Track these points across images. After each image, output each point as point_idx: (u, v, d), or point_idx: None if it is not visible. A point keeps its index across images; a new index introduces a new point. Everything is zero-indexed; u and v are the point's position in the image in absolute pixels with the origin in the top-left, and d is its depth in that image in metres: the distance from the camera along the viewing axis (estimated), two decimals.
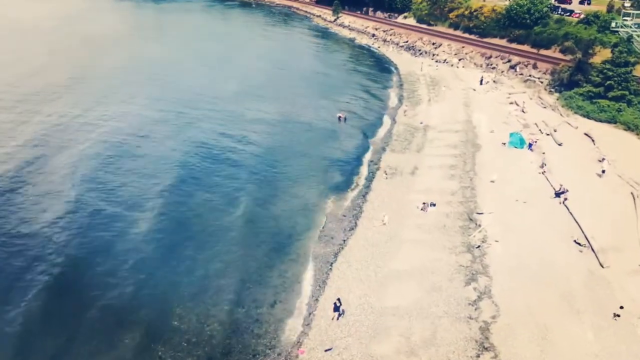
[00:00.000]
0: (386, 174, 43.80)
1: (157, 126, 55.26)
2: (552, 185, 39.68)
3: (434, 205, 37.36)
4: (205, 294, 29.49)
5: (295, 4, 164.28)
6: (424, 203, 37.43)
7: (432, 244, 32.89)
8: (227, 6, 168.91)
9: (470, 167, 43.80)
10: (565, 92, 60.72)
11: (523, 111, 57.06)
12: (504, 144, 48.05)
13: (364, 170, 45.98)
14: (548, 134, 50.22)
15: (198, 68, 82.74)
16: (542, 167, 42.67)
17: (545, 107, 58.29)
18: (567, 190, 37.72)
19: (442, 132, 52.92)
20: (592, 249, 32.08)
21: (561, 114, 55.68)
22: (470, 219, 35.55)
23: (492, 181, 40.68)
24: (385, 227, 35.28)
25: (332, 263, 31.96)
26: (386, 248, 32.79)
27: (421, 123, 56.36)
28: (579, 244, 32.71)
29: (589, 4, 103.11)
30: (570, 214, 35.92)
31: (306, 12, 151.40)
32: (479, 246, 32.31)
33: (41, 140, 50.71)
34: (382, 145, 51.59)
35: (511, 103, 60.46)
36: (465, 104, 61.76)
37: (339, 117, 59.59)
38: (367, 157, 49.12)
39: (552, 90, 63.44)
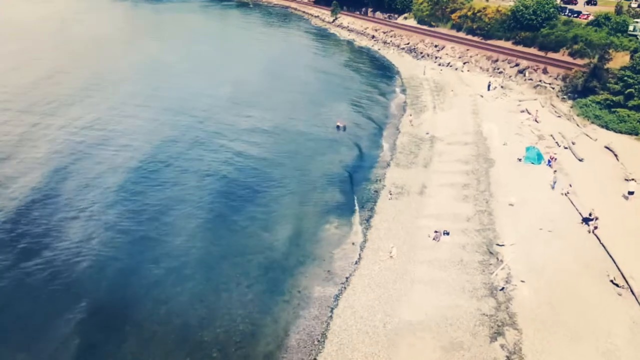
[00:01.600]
0: (391, 194, 38.65)
1: (138, 136, 50.06)
2: (577, 210, 34.61)
3: (448, 234, 32.26)
4: (182, 350, 24.38)
5: (293, 4, 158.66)
6: (436, 232, 32.33)
7: (448, 284, 27.78)
8: (224, 6, 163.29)
9: (485, 186, 38.66)
10: (580, 99, 55.56)
11: (536, 120, 51.90)
12: (520, 159, 42.91)
13: (366, 189, 40.81)
14: (566, 148, 45.08)
15: (190, 72, 77.35)
16: (565, 187, 37.55)
17: (559, 116, 53.12)
18: (597, 218, 32.66)
19: (451, 145, 47.74)
20: (632, 292, 27.08)
21: (578, 124, 50.53)
22: (490, 252, 30.43)
23: (511, 204, 35.56)
24: (393, 261, 30.20)
25: (333, 308, 26.86)
26: (395, 289, 27.67)
27: (427, 133, 51.20)
28: (616, 284, 27.68)
29: (594, 4, 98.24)
30: (602, 245, 30.89)
31: (304, 12, 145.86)
32: (502, 288, 27.22)
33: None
34: (386, 159, 46.46)
35: (522, 111, 55.27)
36: (474, 111, 56.57)
37: (338, 126, 54.48)
38: (370, 172, 43.97)
39: (565, 97, 58.27)
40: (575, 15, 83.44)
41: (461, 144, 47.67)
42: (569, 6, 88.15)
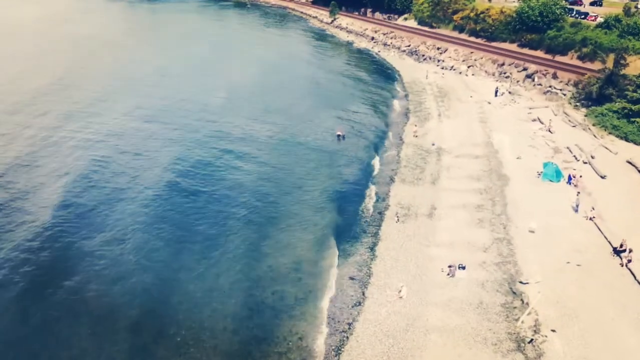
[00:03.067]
0: (397, 217, 34.23)
1: (123, 147, 45.57)
2: (607, 239, 30.29)
3: (464, 268, 27.89)
4: None
5: (290, 5, 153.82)
6: (450, 266, 27.95)
7: (467, 334, 23.40)
8: (221, 6, 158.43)
9: (501, 208, 34.27)
10: (595, 107, 51.19)
11: (550, 131, 47.52)
12: (538, 173, 38.53)
13: (369, 209, 36.37)
14: (585, 162, 40.75)
15: (183, 76, 72.79)
16: (589, 210, 33.21)
17: (574, 126, 48.72)
18: (632, 250, 28.34)
19: (460, 158, 43.32)
20: None
21: (595, 135, 46.15)
22: (513, 292, 26.07)
23: (532, 231, 31.22)
24: (403, 302, 25.83)
25: None
26: (407, 340, 23.27)
27: (433, 144, 46.76)
28: None
29: (599, 5, 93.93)
30: (639, 283, 26.61)
31: (302, 12, 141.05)
32: (531, 340, 22.87)
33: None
34: (390, 174, 42.02)
35: (534, 120, 50.88)
36: (481, 120, 52.16)
37: (338, 135, 50.08)
38: (373, 189, 39.51)
39: (578, 104, 53.88)
40: (582, 16, 79.06)
41: (471, 157, 43.26)
42: (576, 7, 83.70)
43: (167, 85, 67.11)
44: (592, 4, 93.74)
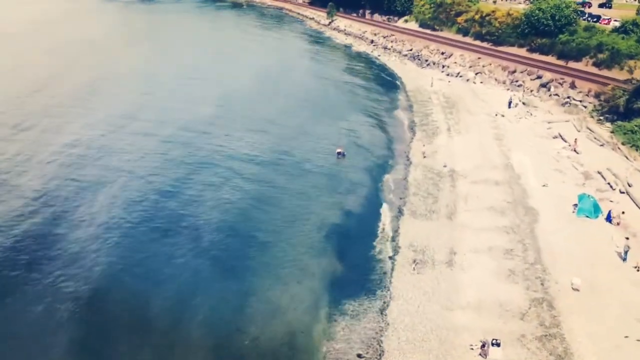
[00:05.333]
0: (415, 265, 27.79)
1: (99, 167, 39.04)
2: None
3: (498, 345, 21.51)
4: None
5: (287, 5, 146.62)
6: (482, 345, 21.59)
7: None
8: (217, 7, 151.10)
9: (535, 255, 27.94)
10: (622, 123, 44.80)
11: (575, 151, 41.17)
12: (573, 207, 32.19)
13: (376, 253, 29.93)
14: (622, 192, 34.44)
15: (170, 83, 66.08)
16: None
17: (602, 145, 42.37)
18: None
19: (477, 184, 36.91)
20: None
21: (627, 157, 39.85)
22: None
23: (576, 289, 24.92)
24: None
25: None
26: None
27: (445, 166, 40.37)
28: None
29: (609, 7, 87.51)
30: None
31: (298, 14, 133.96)
32: None
33: None
34: (398, 203, 35.58)
35: (555, 137, 44.54)
36: (497, 136, 45.76)
37: (338, 152, 43.74)
38: (379, 225, 33.05)
39: (602, 118, 47.53)
40: (595, 19, 72.62)
41: (490, 183, 36.88)
42: (588, 10, 77.25)
43: (151, 92, 60.60)
44: (600, 5, 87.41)
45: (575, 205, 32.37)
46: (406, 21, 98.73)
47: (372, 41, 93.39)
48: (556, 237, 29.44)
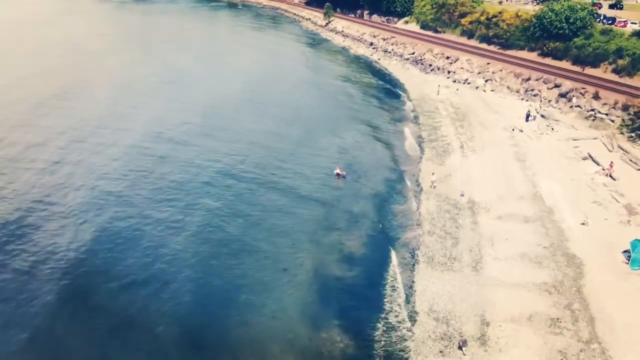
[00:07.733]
0: (446, 348, 21.07)
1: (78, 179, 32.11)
2: None
3: None
4: None
5: (283, 5, 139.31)
6: None
7: None
8: (212, 7, 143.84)
9: (589, 329, 21.30)
10: None
11: (612, 177, 34.52)
12: (626, 258, 25.60)
13: (388, 321, 23.10)
14: None
15: (157, 88, 59.05)
16: None
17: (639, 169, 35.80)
18: None
19: (503, 220, 30.23)
20: None
21: None
22: None
23: None
24: None
25: None
26: None
27: (462, 195, 33.67)
28: None
29: (620, 8, 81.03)
30: None
31: (295, 14, 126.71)
32: None
33: None
34: (411, 245, 28.85)
35: (585, 158, 37.86)
36: (517, 156, 39.09)
37: (338, 174, 37.09)
38: (388, 279, 26.21)
39: (633, 135, 40.87)
40: (610, 22, 66.00)
41: (518, 219, 30.20)
42: (602, 11, 70.54)
43: (141, 100, 53.59)
44: (611, 7, 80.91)
45: (627, 253, 25.78)
46: (406, 22, 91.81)
47: (371, 44, 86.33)
48: (611, 300, 22.83)
